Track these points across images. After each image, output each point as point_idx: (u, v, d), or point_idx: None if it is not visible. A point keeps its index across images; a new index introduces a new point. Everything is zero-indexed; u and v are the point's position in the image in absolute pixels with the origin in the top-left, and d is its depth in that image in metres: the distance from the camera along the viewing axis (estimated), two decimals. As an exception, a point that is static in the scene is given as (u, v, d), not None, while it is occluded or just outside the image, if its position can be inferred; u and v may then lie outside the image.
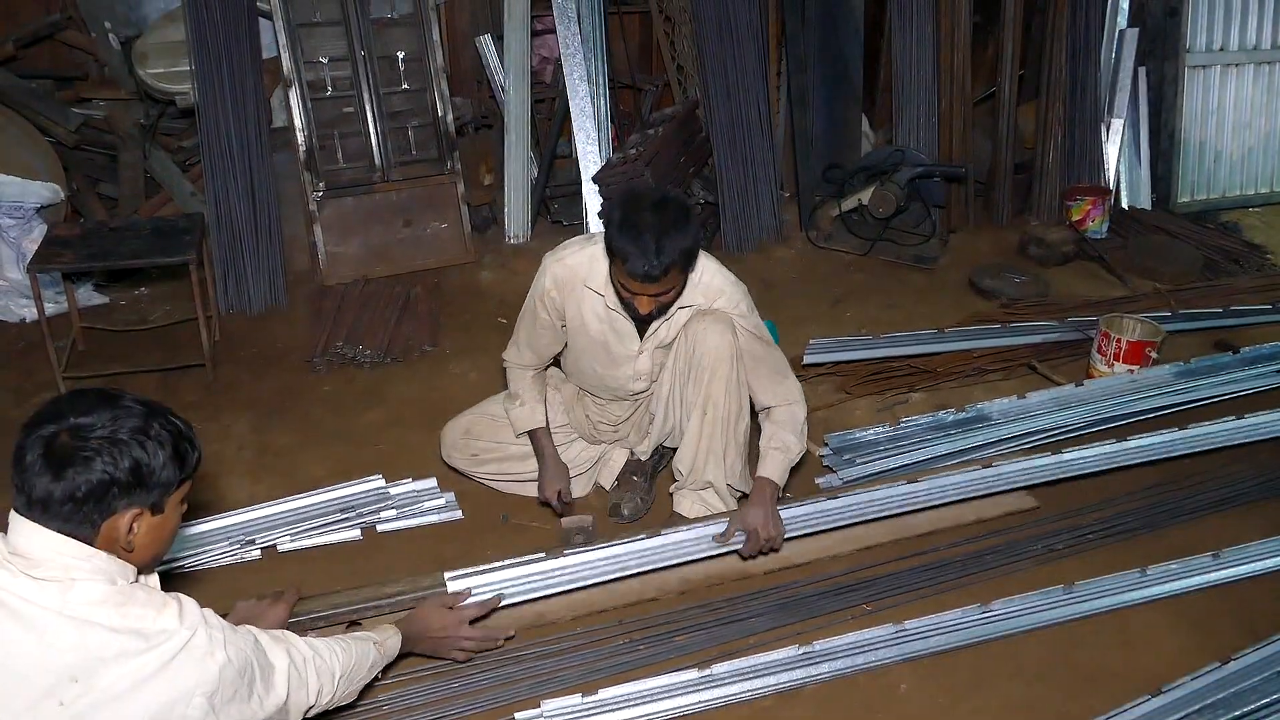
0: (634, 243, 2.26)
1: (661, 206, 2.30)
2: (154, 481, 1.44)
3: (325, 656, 1.77)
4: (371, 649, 1.96)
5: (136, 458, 1.41)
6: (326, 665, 1.76)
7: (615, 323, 2.59)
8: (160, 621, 1.41)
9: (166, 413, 1.49)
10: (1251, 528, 2.87)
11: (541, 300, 2.62)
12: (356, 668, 1.87)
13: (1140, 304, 4.20)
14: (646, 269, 2.26)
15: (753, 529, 2.53)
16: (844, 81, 5.07)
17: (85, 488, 1.37)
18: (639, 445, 2.93)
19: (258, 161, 4.16)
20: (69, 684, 1.35)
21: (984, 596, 2.56)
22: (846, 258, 4.82)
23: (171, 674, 1.40)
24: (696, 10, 4.67)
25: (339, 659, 1.81)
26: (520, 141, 4.76)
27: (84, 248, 3.49)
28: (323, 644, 1.80)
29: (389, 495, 2.89)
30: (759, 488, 2.58)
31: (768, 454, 2.60)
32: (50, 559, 1.38)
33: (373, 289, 4.29)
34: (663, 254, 2.26)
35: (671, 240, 2.26)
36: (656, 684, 2.25)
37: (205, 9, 4.05)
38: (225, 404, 3.49)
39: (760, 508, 2.54)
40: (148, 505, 1.45)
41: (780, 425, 2.62)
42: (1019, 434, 3.12)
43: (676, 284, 2.39)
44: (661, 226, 2.26)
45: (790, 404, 2.65)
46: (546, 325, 2.66)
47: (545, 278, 2.60)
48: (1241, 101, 5.53)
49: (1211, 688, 2.28)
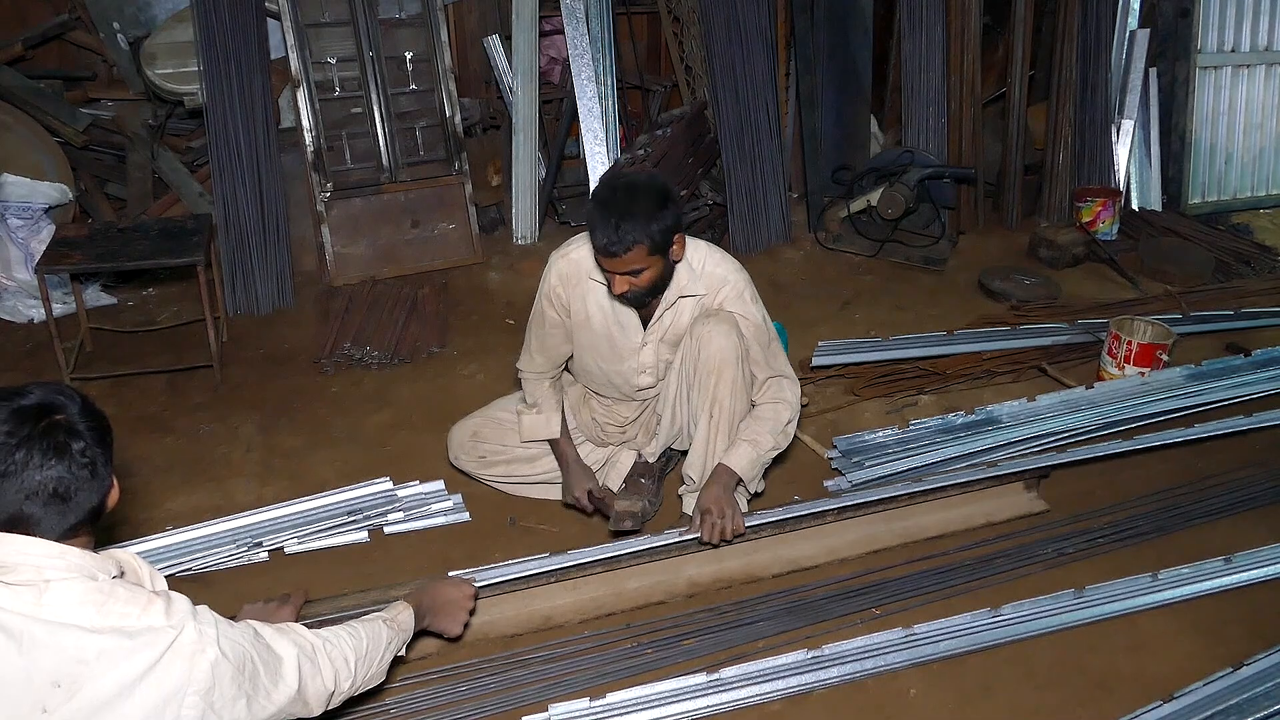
0: (599, 216, 2.30)
1: (635, 186, 2.35)
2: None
3: (336, 643, 1.73)
4: (383, 626, 1.90)
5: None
6: (339, 651, 1.72)
7: (619, 314, 2.58)
8: (145, 619, 1.36)
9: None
10: (1264, 532, 2.85)
11: (548, 299, 2.63)
12: (372, 648, 1.82)
13: (1151, 306, 4.19)
14: (606, 242, 2.30)
15: (705, 509, 2.50)
16: (853, 82, 5.06)
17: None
18: (646, 447, 2.92)
19: (266, 162, 4.16)
20: (52, 690, 1.30)
21: (994, 600, 2.54)
22: (855, 259, 4.80)
23: (160, 674, 1.35)
24: (705, 11, 4.67)
25: (349, 644, 1.76)
26: (528, 142, 4.76)
27: (92, 248, 3.49)
28: (330, 632, 1.77)
29: (396, 497, 2.89)
30: (716, 472, 2.55)
31: (738, 444, 2.57)
32: (20, 562, 1.33)
33: (380, 290, 4.29)
34: (622, 229, 2.27)
35: (635, 218, 2.28)
36: (664, 688, 2.24)
37: (213, 10, 4.06)
38: (233, 405, 3.49)
39: (714, 488, 2.52)
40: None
41: (759, 420, 2.59)
42: (1029, 437, 3.10)
43: (645, 264, 2.37)
44: (628, 203, 2.29)
45: (777, 402, 2.61)
46: (555, 324, 2.66)
47: (551, 275, 2.62)
48: (1253, 103, 5.52)
49: (1223, 693, 2.27)
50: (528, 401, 2.82)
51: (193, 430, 3.34)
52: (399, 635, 1.96)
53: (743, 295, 2.56)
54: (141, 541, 2.64)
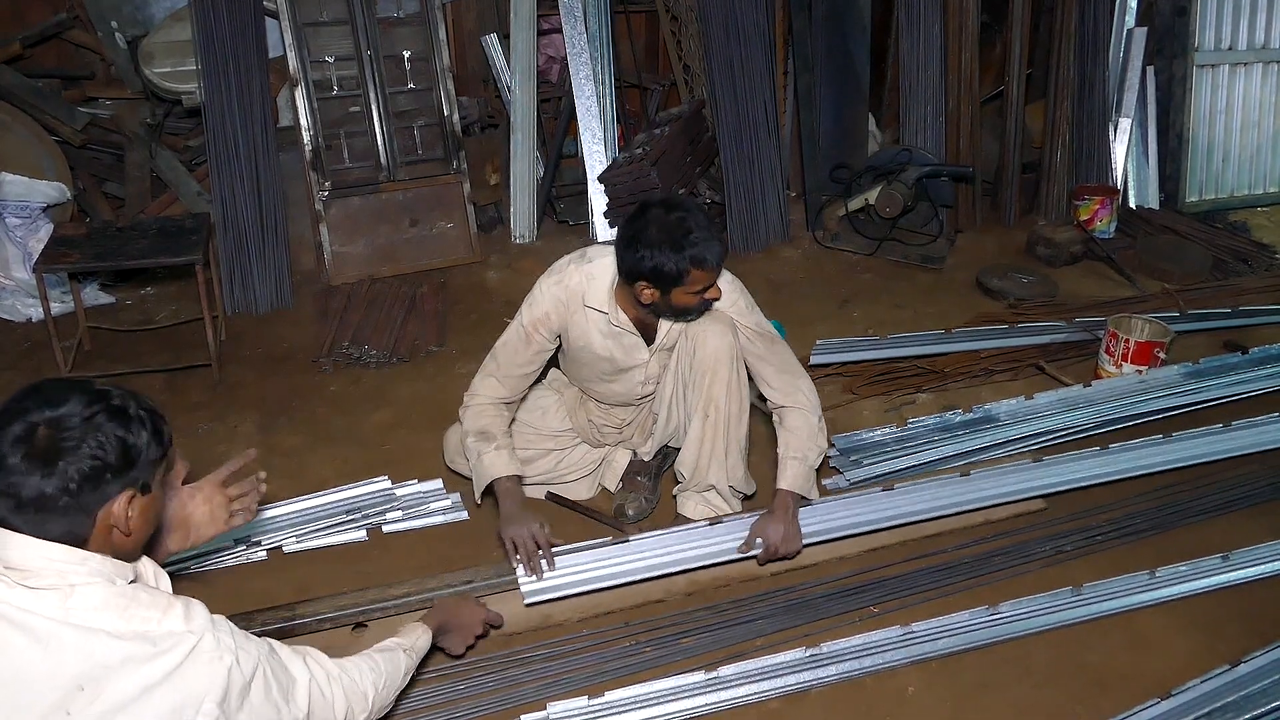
0: (703, 237, 2.30)
1: (674, 203, 2.36)
2: (142, 459, 1.40)
3: (355, 676, 1.71)
4: (402, 658, 1.91)
5: (121, 437, 1.37)
6: (357, 686, 1.71)
7: (622, 338, 2.58)
8: (166, 623, 1.38)
9: (132, 392, 1.45)
10: (1262, 529, 2.85)
11: (535, 327, 2.55)
12: (389, 682, 1.83)
13: (1148, 304, 4.19)
14: (719, 255, 2.34)
15: (772, 544, 2.52)
16: (851, 81, 5.06)
17: (79, 476, 1.33)
18: (642, 447, 2.93)
19: (264, 161, 4.16)
20: (76, 693, 1.32)
21: (992, 598, 2.55)
22: (853, 258, 4.80)
23: (179, 679, 1.37)
24: (703, 10, 4.67)
25: (369, 677, 1.75)
26: (526, 141, 4.76)
27: (90, 247, 3.49)
28: (352, 663, 1.75)
29: (395, 496, 2.89)
30: (780, 500, 2.54)
31: (786, 462, 2.55)
32: (44, 567, 1.34)
33: (379, 289, 4.29)
34: (720, 240, 2.36)
35: (706, 220, 2.34)
36: (663, 686, 2.24)
37: (212, 8, 4.06)
38: (231, 404, 3.49)
39: (780, 522, 2.52)
40: (138, 486, 1.41)
41: (793, 432, 2.57)
42: (1026, 435, 3.11)
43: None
44: (694, 216, 2.32)
45: (803, 409, 2.59)
46: (538, 351, 2.59)
47: (545, 301, 2.55)
48: (1250, 101, 5.52)
49: (1221, 690, 2.27)
50: (476, 431, 2.58)
51: (191, 429, 3.34)
52: (415, 662, 1.97)
53: (737, 303, 2.56)
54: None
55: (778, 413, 2.64)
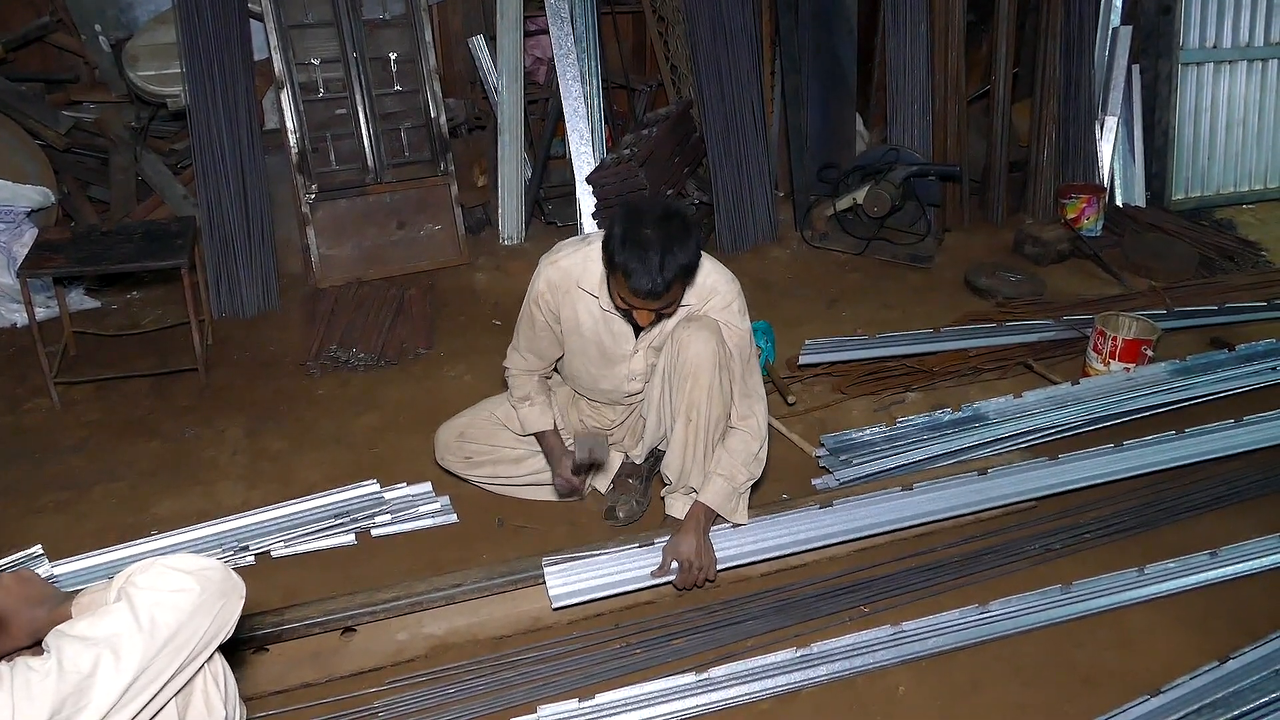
0: (638, 260, 2.23)
1: (665, 222, 2.27)
2: None
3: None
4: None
5: None
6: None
7: (611, 323, 2.58)
8: None
9: None
10: (1249, 526, 2.86)
11: (536, 303, 2.61)
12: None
13: (1135, 302, 4.21)
14: (650, 286, 2.24)
15: (685, 559, 2.50)
16: (838, 81, 5.06)
17: None
18: (633, 449, 2.92)
19: (250, 164, 4.14)
20: None
21: (981, 597, 2.55)
22: (841, 257, 4.81)
23: None
24: (690, 10, 4.67)
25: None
26: (514, 142, 4.75)
27: (75, 252, 3.47)
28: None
29: (384, 499, 2.88)
30: (692, 513, 2.54)
31: (711, 478, 2.55)
32: None
33: (366, 292, 4.27)
34: (665, 270, 2.23)
35: (674, 257, 2.24)
36: (653, 688, 2.24)
37: (196, 11, 4.03)
38: (218, 409, 3.47)
39: (691, 536, 2.51)
40: None
41: (731, 453, 2.56)
42: (1015, 433, 3.11)
43: (678, 297, 2.38)
44: (665, 243, 2.23)
45: (749, 434, 2.58)
46: (543, 328, 2.65)
47: (539, 280, 2.59)
48: (1235, 98, 5.55)
49: (1210, 687, 2.28)
50: (517, 396, 2.79)
51: (178, 434, 3.32)
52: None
53: (730, 306, 2.55)
54: (127, 546, 2.63)
55: (727, 435, 2.61)
